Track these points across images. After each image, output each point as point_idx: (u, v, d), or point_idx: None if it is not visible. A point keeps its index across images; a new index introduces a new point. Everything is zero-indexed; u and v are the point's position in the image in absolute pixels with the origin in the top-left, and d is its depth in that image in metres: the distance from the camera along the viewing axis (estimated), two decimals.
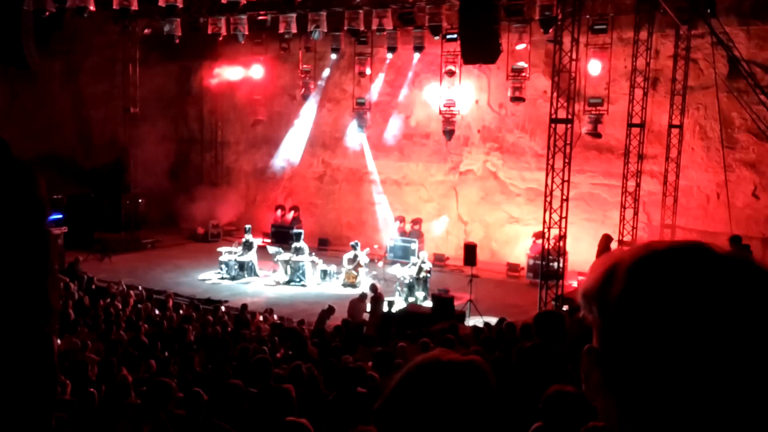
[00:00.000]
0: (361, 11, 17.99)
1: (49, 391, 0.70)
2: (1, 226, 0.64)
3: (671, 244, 0.87)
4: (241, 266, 18.06)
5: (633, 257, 0.86)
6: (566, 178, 13.76)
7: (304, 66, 22.00)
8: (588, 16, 16.06)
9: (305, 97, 22.41)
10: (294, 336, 10.94)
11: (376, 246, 19.39)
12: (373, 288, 14.51)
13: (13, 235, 0.65)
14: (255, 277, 18.08)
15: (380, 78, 21.34)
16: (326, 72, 22.22)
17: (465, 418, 1.19)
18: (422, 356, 1.28)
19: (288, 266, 17.73)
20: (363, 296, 14.32)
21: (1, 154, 0.67)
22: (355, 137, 21.91)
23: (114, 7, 16.53)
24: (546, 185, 13.96)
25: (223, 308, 14.65)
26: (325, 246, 20.98)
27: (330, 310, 13.43)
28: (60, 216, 17.27)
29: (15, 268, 0.64)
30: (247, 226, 18.98)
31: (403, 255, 18.62)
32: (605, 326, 0.87)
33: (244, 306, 13.85)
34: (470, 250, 15.53)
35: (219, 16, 19.14)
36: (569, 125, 13.73)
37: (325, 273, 17.80)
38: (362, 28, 18.58)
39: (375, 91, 21.40)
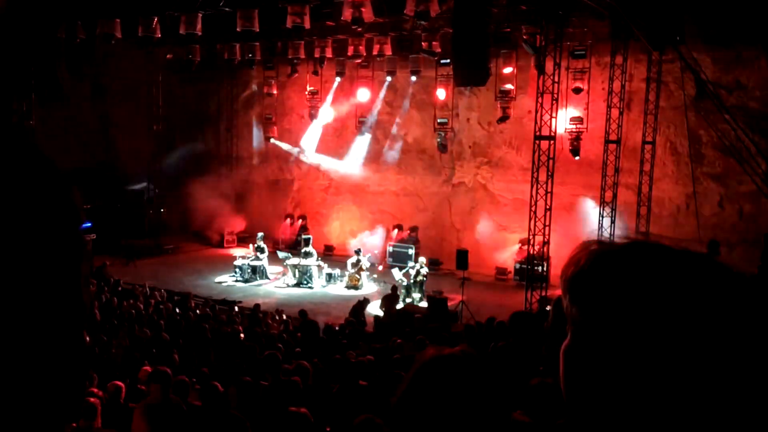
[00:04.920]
0: (363, 38, 18.05)
1: (80, 384, 0.71)
2: (40, 230, 0.64)
3: (652, 242, 0.83)
4: (254, 270, 18.04)
5: (616, 251, 0.82)
6: (549, 190, 13.77)
7: (311, 88, 22.08)
8: (569, 43, 16.11)
9: (312, 116, 22.46)
10: (312, 329, 10.96)
11: (376, 251, 19.38)
12: (393, 288, 14.56)
13: (50, 238, 0.66)
14: (266, 280, 18.05)
15: (380, 99, 21.39)
16: (331, 94, 22.26)
17: (469, 400, 1.20)
18: (425, 354, 1.29)
19: (296, 270, 17.71)
20: (394, 289, 14.58)
21: (45, 166, 0.68)
22: (357, 152, 21.97)
23: (139, 34, 16.58)
24: (531, 196, 13.97)
25: (237, 308, 14.63)
26: (330, 251, 20.97)
27: (365, 301, 13.61)
28: (89, 224, 17.28)
29: (52, 269, 0.65)
30: (260, 234, 18.97)
31: (402, 260, 18.61)
32: (582, 312, 0.82)
33: (257, 306, 13.83)
34: (462, 255, 15.51)
35: (234, 42, 19.21)
36: (552, 141, 13.76)
37: (330, 276, 17.78)
38: (364, 54, 18.64)
39: (375, 110, 21.45)
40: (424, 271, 16.28)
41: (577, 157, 16.95)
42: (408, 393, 1.24)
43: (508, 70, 18.00)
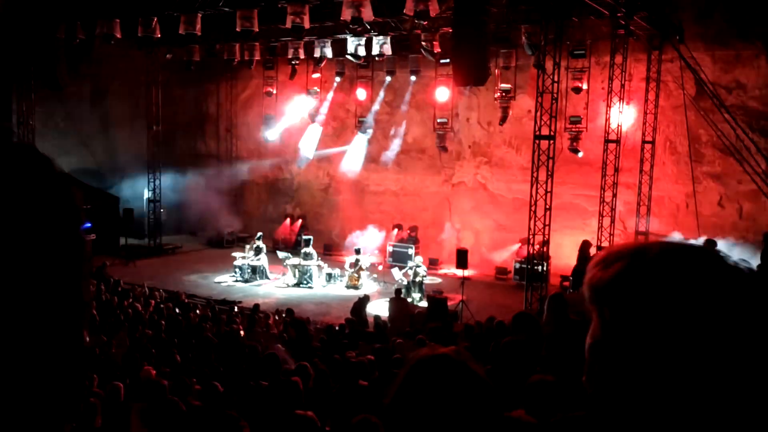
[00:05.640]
0: (362, 38, 18.05)
1: (79, 380, 0.71)
2: (42, 231, 0.65)
3: (686, 248, 0.84)
4: (254, 270, 18.04)
5: (653, 260, 0.83)
6: (549, 189, 13.78)
7: (311, 88, 22.09)
8: (568, 43, 16.11)
9: (312, 116, 22.46)
10: (301, 327, 10.92)
11: (376, 251, 19.38)
12: (398, 292, 14.41)
13: (53, 238, 0.66)
14: (266, 280, 18.04)
15: (380, 98, 21.40)
16: (331, 93, 22.28)
17: (460, 399, 1.20)
18: (418, 353, 1.30)
19: (296, 270, 17.71)
20: (398, 292, 14.19)
21: (45, 167, 0.69)
22: (357, 152, 21.97)
23: (138, 34, 16.59)
24: (531, 196, 13.97)
25: (236, 308, 14.64)
26: (330, 251, 20.97)
27: (365, 299, 13.51)
28: (89, 225, 17.25)
29: (54, 269, 0.66)
30: (259, 234, 18.98)
31: (401, 259, 18.61)
32: (619, 320, 0.83)
33: (257, 306, 13.84)
34: (462, 255, 15.52)
35: (234, 42, 19.21)
36: (552, 141, 13.76)
37: (330, 276, 17.78)
38: (363, 54, 18.64)
39: (375, 110, 21.46)
40: (422, 270, 16.27)
41: (580, 154, 16.96)
42: (400, 392, 1.24)
43: (507, 69, 18.00)
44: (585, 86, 17.02)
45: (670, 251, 0.84)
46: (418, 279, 16.11)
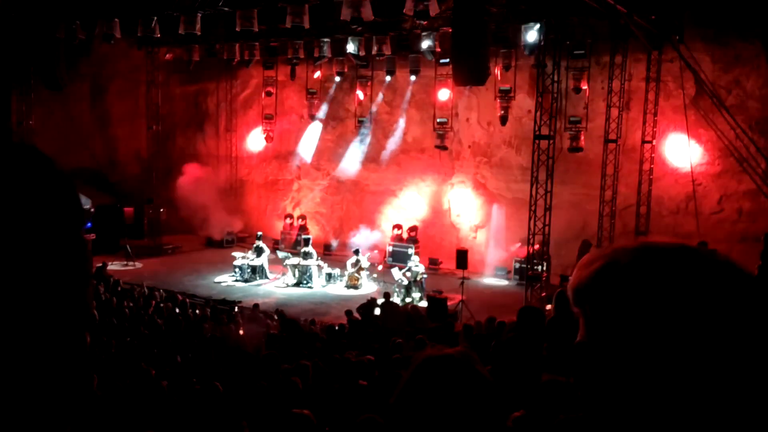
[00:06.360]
0: (362, 38, 18.04)
1: (82, 380, 0.71)
2: (46, 232, 0.65)
3: (663, 246, 0.84)
4: (253, 270, 18.03)
5: (629, 258, 0.83)
6: (549, 189, 13.78)
7: (311, 88, 22.09)
8: (568, 43, 16.11)
9: (311, 116, 22.46)
10: (294, 328, 10.90)
11: (375, 251, 19.37)
12: (386, 295, 14.34)
13: (56, 240, 0.66)
14: (266, 280, 18.04)
15: (380, 98, 21.40)
16: (331, 93, 22.28)
17: (465, 400, 1.20)
18: (423, 353, 1.29)
19: (296, 270, 17.71)
20: (387, 296, 14.04)
21: (47, 168, 0.68)
22: (356, 152, 21.97)
23: (138, 34, 16.57)
24: (531, 195, 13.97)
25: (237, 308, 14.63)
26: (330, 251, 20.97)
27: (374, 301, 13.48)
28: (89, 224, 17.26)
29: (58, 271, 0.65)
30: (259, 233, 18.97)
31: (401, 259, 18.60)
32: (598, 320, 0.84)
33: (256, 306, 13.82)
34: (462, 255, 15.51)
35: (234, 42, 19.20)
36: (552, 141, 13.77)
37: (329, 276, 17.77)
38: (363, 54, 18.64)
39: (375, 110, 21.46)
40: (419, 270, 16.21)
41: (580, 151, 16.97)
42: (405, 392, 1.24)
43: (507, 70, 17.99)
44: (585, 86, 17.02)
45: (647, 248, 0.84)
46: (418, 278, 16.10)
